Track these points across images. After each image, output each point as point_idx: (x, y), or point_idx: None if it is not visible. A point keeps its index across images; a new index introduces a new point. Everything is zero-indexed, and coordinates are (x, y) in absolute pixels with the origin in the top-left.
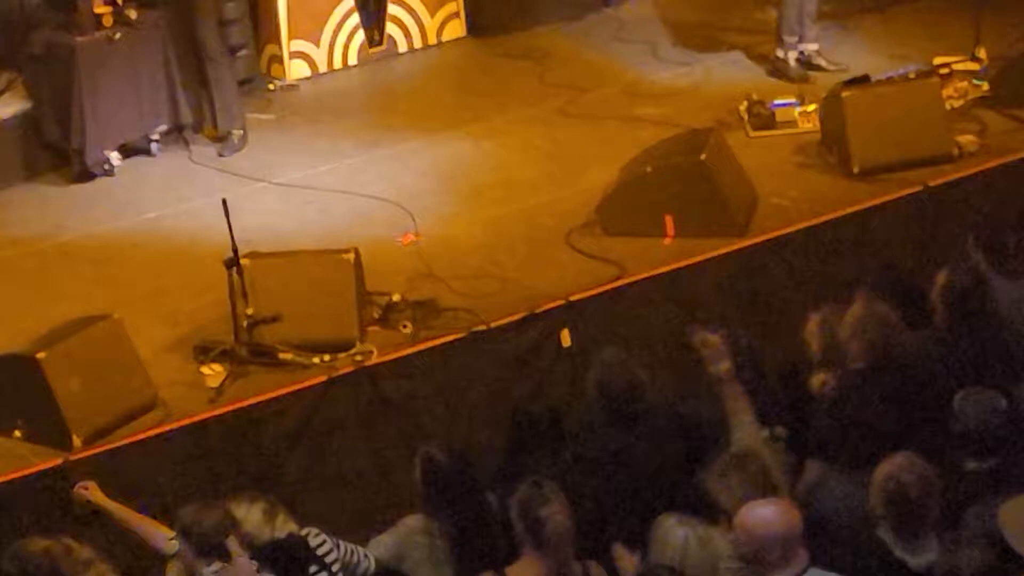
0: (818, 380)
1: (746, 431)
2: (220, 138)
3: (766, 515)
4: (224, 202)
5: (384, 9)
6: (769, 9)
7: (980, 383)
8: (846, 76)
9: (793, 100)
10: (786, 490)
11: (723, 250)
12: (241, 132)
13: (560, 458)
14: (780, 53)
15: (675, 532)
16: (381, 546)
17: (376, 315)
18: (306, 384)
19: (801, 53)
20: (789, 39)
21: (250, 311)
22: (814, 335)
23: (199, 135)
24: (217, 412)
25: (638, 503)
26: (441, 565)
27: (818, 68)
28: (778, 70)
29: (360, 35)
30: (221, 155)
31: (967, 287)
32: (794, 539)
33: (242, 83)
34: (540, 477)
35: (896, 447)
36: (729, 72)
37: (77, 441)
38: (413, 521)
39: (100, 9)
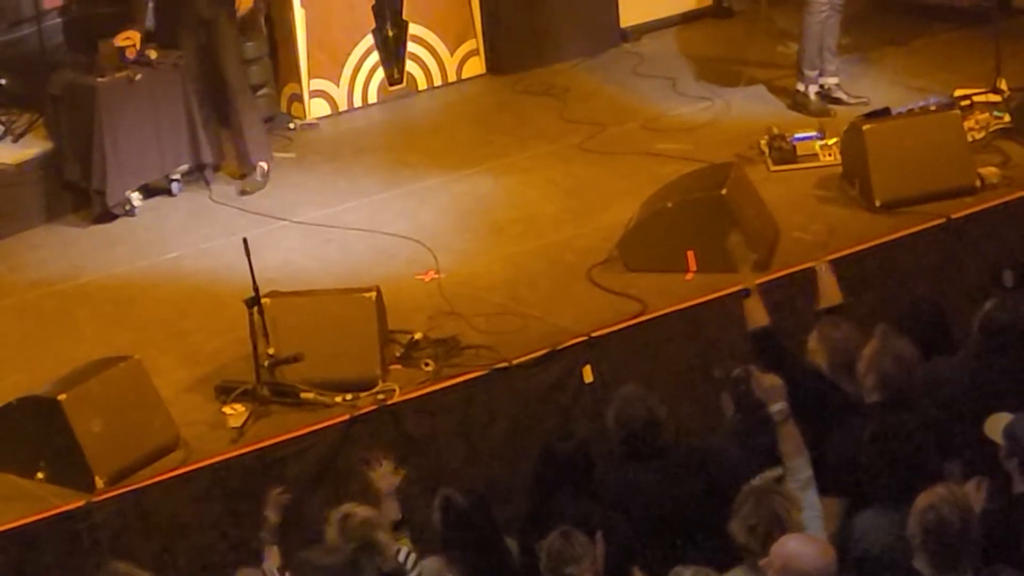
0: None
1: (795, 473)
2: (244, 174)
3: (803, 550)
4: (245, 241)
5: (403, 47)
6: (789, 43)
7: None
8: (867, 109)
9: (814, 134)
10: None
11: (745, 284)
12: (266, 166)
13: (584, 497)
14: (801, 87)
15: None
16: None
17: (398, 353)
18: (328, 423)
19: (821, 87)
20: (809, 73)
21: (271, 350)
22: (817, 351)
23: (219, 174)
24: (239, 452)
25: (659, 540)
26: None
27: (838, 102)
28: (799, 104)
29: (380, 73)
30: (244, 192)
31: (1009, 319)
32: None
33: (263, 122)
34: (569, 526)
35: (934, 478)
36: (749, 106)
37: (100, 482)
38: (432, 563)
39: (124, 41)
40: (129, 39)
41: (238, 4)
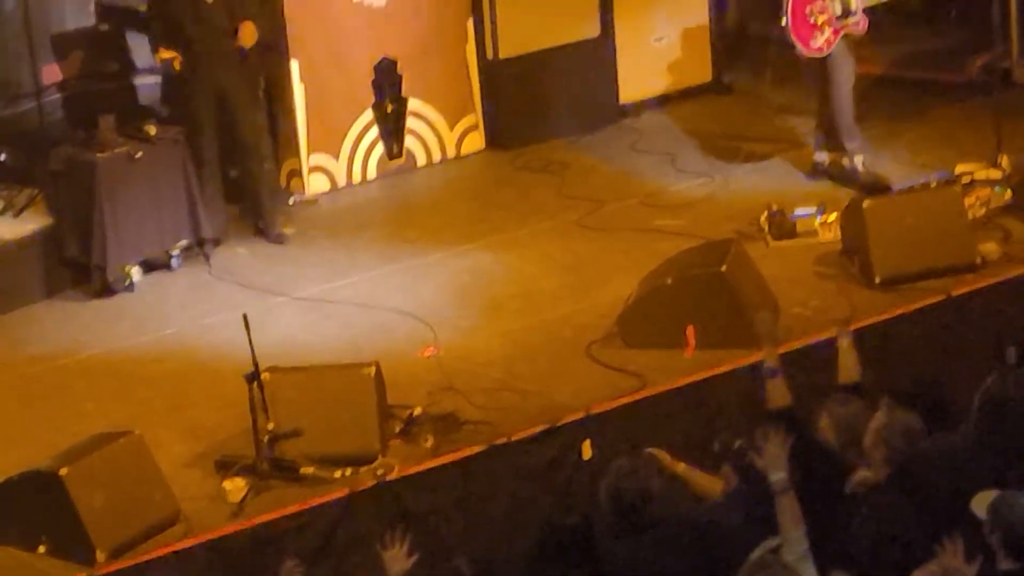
0: (860, 477)
1: (792, 545)
2: (264, 232)
3: None
4: (245, 317)
5: (403, 122)
6: (788, 117)
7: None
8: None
9: (814, 210)
10: None
11: (745, 361)
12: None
13: (586, 572)
14: (846, 162)
15: None
16: None
17: (397, 429)
18: (328, 499)
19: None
20: (851, 145)
21: (271, 426)
22: (828, 429)
23: (219, 248)
24: (239, 527)
25: None
26: None
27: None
28: (846, 178)
29: (379, 148)
30: (281, 240)
31: (1010, 396)
32: None
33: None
34: None
35: (926, 556)
36: (748, 182)
37: (101, 556)
38: None
39: (166, 54)
40: (169, 53)
41: (242, 38)
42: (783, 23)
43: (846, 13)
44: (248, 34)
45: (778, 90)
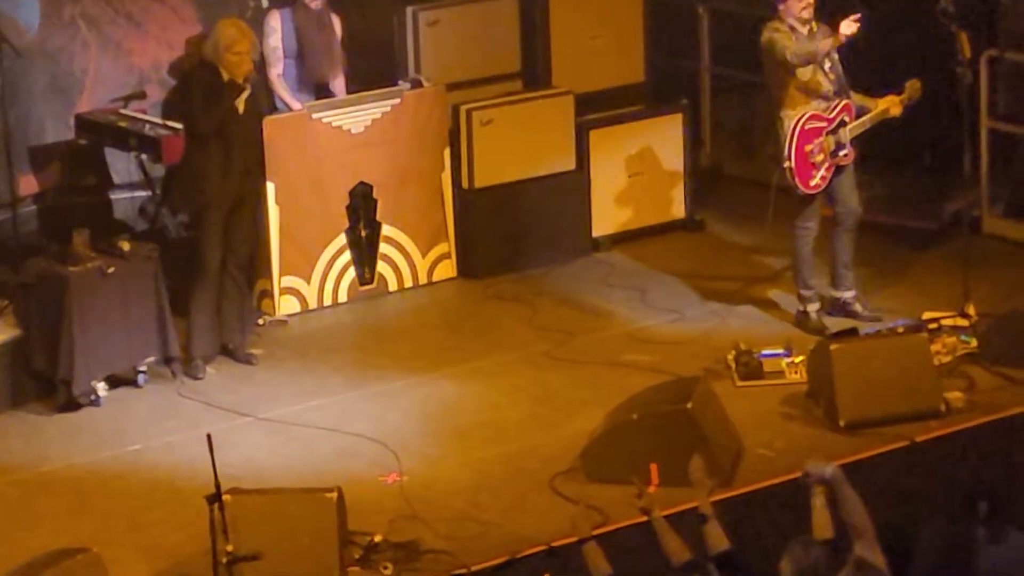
0: None
1: None
2: (232, 352)
3: None
4: (209, 437)
5: (376, 248)
6: (756, 257)
7: None
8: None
9: (781, 351)
10: None
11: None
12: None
13: None
14: (800, 307)
15: None
16: None
17: (357, 555)
18: None
19: (838, 300)
20: (805, 293)
21: (230, 548)
22: (786, 572)
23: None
24: None
25: None
26: None
27: (854, 315)
28: (798, 322)
29: (351, 273)
30: (249, 360)
31: (955, 545)
32: None
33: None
34: None
35: None
36: (717, 321)
37: None
38: None
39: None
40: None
41: (238, 71)
42: (787, 165)
43: (839, 148)
44: None
45: (746, 231)
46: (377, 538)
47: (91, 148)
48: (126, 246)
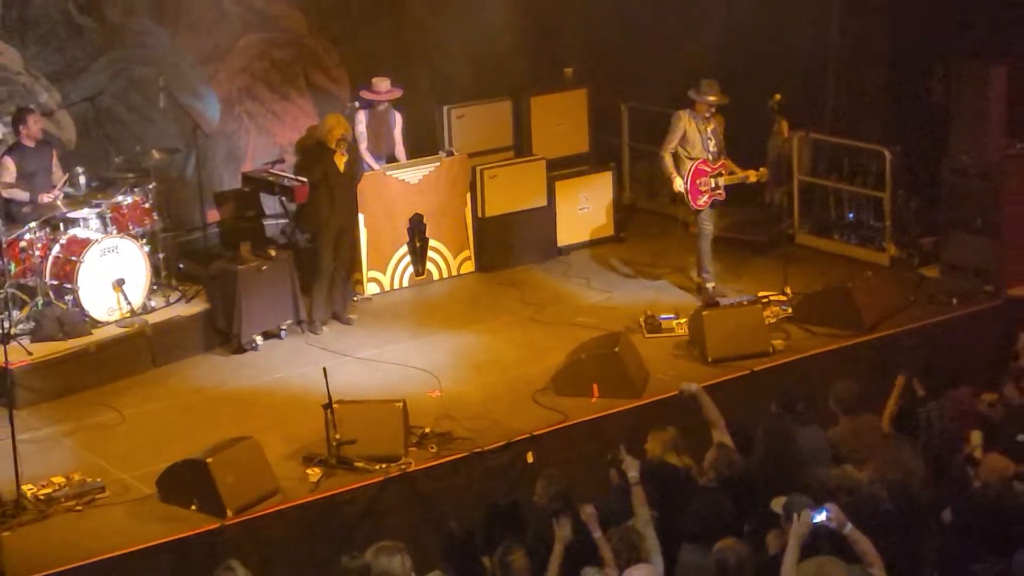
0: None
1: (641, 519)
2: (338, 317)
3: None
4: (324, 369)
5: (425, 253)
6: (660, 259)
7: (780, 494)
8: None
9: (672, 315)
10: (656, 559)
11: (628, 406)
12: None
13: (524, 532)
14: (701, 283)
15: None
16: None
17: (414, 440)
18: (370, 481)
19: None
20: (704, 275)
21: (338, 436)
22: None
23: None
24: (316, 497)
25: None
26: None
27: (723, 295)
28: (700, 291)
29: (410, 268)
30: (348, 322)
31: (776, 431)
32: None
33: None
34: (511, 543)
35: (734, 533)
36: (634, 297)
37: (230, 513)
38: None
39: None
40: (343, 137)
41: (333, 142)
42: (683, 187)
43: (717, 186)
44: None
45: (653, 242)
46: (426, 430)
47: (251, 193)
48: (273, 253)
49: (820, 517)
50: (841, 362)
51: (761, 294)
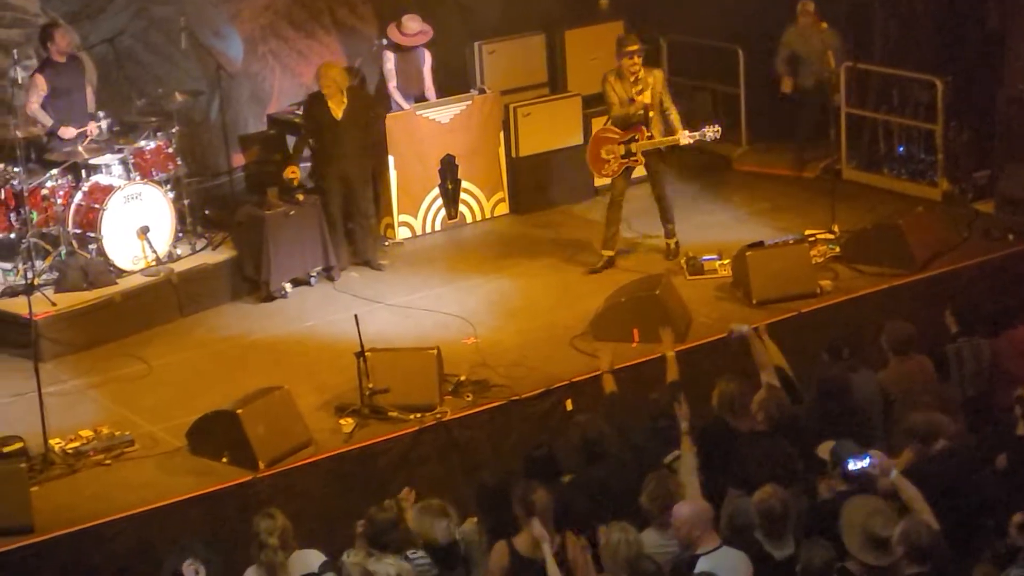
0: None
1: (686, 466)
2: (368, 263)
3: (688, 508)
4: (356, 316)
5: (458, 195)
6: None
7: (840, 437)
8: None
9: (715, 256)
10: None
11: (671, 351)
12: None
13: (557, 482)
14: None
15: (612, 535)
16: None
17: (449, 388)
18: (405, 432)
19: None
20: (667, 227)
21: (371, 385)
22: (716, 397)
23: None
24: (349, 448)
25: (603, 510)
26: (482, 552)
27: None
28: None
29: (442, 211)
30: (379, 267)
31: (832, 379)
32: (708, 524)
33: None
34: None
35: (790, 477)
36: (677, 238)
37: (262, 465)
38: (470, 525)
39: (289, 174)
40: (293, 173)
41: (323, 81)
42: (587, 157)
43: (628, 155)
44: None
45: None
46: (462, 378)
47: (277, 136)
48: (301, 198)
49: (863, 463)
50: (892, 302)
51: (808, 232)
